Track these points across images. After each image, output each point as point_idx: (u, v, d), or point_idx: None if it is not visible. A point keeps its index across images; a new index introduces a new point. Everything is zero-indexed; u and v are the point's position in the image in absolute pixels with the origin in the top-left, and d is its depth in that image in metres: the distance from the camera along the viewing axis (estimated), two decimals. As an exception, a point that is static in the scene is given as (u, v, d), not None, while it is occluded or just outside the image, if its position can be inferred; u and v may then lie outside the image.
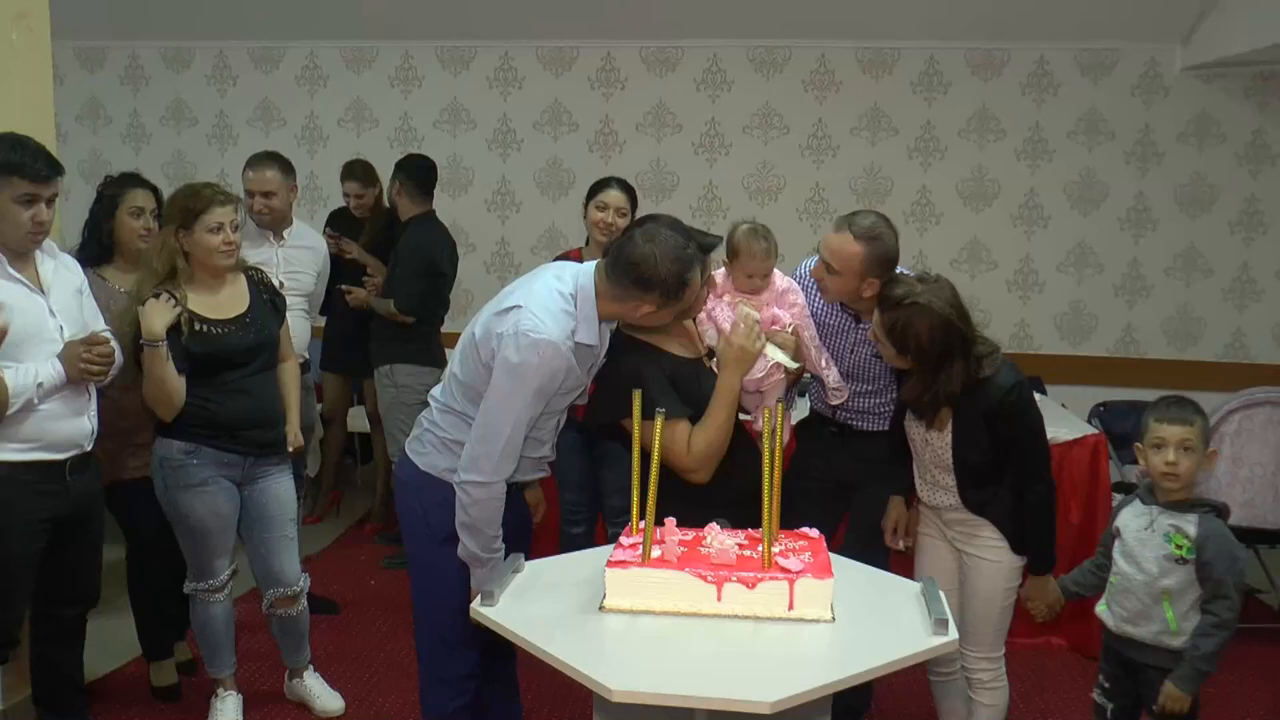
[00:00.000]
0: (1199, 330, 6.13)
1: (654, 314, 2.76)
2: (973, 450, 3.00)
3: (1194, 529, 2.80)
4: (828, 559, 2.41)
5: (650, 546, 2.37)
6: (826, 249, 3.13)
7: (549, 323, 2.67)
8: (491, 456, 2.70)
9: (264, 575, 3.61)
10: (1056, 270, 6.18)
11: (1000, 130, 6.11)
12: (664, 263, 2.68)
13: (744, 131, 6.29)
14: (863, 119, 6.19)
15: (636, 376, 2.79)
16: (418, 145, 6.40)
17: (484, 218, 6.43)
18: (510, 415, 2.69)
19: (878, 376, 3.35)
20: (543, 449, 2.93)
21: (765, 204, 6.29)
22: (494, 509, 2.75)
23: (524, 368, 2.65)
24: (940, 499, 3.13)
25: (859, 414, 3.43)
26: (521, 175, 6.48)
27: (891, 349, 2.96)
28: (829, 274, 3.14)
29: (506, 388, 2.67)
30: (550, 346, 2.65)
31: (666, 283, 2.69)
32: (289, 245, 4.39)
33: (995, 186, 6.15)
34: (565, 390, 2.80)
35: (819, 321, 3.32)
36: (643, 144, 6.36)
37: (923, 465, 3.14)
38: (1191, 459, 2.83)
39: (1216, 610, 2.78)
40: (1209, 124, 5.98)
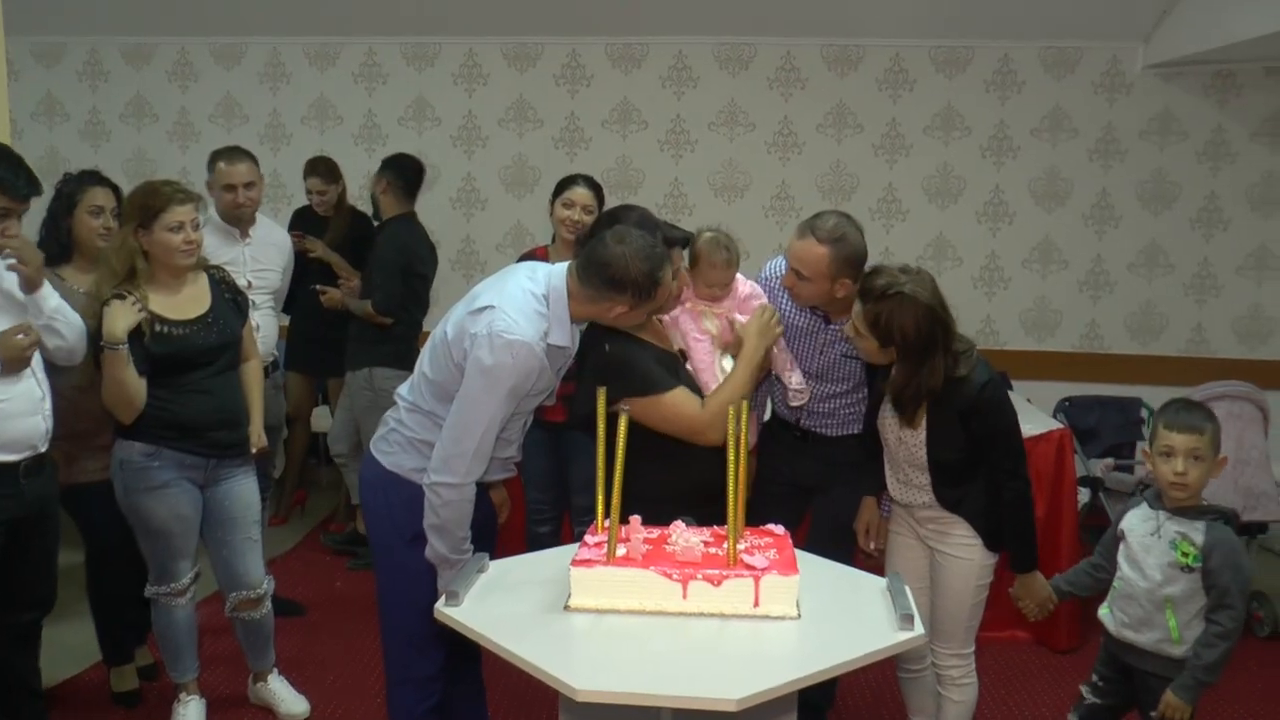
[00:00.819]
0: (1161, 325, 6.18)
1: (627, 314, 2.78)
2: (948, 448, 3.00)
3: (1201, 537, 2.76)
4: (793, 555, 2.41)
5: (615, 545, 2.37)
6: (793, 256, 3.13)
7: (523, 323, 2.68)
8: (464, 457, 2.70)
9: (227, 578, 3.58)
10: (1021, 267, 6.22)
11: (965, 128, 6.14)
12: (635, 263, 2.69)
13: (710, 128, 6.29)
14: (828, 116, 6.21)
15: (625, 360, 2.82)
16: (383, 143, 6.36)
17: (449, 216, 6.40)
18: (483, 416, 2.69)
19: (846, 377, 3.36)
20: (510, 449, 2.92)
21: (731, 201, 6.30)
22: (465, 510, 2.75)
23: (498, 369, 2.65)
24: (913, 497, 3.13)
25: (823, 418, 3.43)
26: (487, 173, 6.46)
27: (874, 342, 2.94)
28: (800, 280, 3.14)
29: (480, 388, 2.67)
30: (524, 347, 2.65)
31: (638, 283, 2.71)
32: (256, 243, 4.35)
33: (960, 184, 6.19)
34: (536, 391, 2.80)
35: (788, 323, 3.33)
36: (608, 141, 6.35)
37: (896, 464, 3.15)
38: (1201, 468, 2.78)
39: (1220, 620, 2.73)
40: (1170, 121, 6.03)
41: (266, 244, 4.42)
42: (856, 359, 3.30)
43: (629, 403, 2.76)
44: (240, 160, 4.26)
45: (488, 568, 2.63)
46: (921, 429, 3.01)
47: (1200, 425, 2.80)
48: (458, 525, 2.75)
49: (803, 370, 3.37)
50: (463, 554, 2.76)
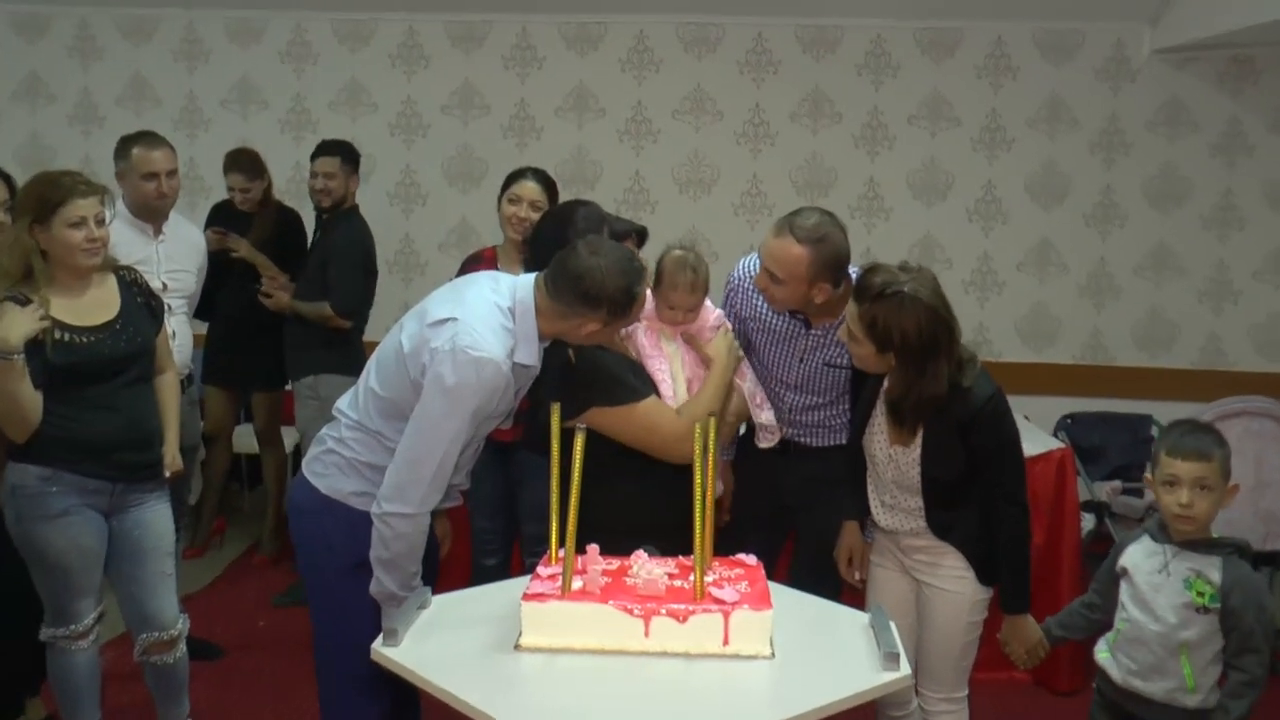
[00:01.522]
0: (1172, 335, 6.25)
1: (599, 332, 2.81)
2: (944, 466, 3.00)
3: (1218, 574, 2.74)
4: (766, 588, 2.42)
5: (570, 577, 2.38)
6: (768, 256, 3.14)
7: (489, 339, 2.69)
8: (420, 484, 2.70)
9: (136, 617, 3.54)
10: (1017, 270, 6.28)
11: (954, 117, 6.20)
12: (611, 277, 2.72)
13: (674, 117, 6.32)
14: (803, 104, 6.25)
15: (594, 366, 2.88)
16: (312, 130, 6.34)
17: (385, 212, 6.38)
18: (443, 439, 2.69)
19: (829, 387, 3.38)
20: (458, 476, 2.93)
21: (697, 197, 6.33)
22: (417, 543, 2.76)
23: (461, 388, 2.66)
24: (900, 523, 3.13)
25: (807, 429, 3.45)
26: (428, 164, 6.45)
27: (871, 346, 2.93)
28: (774, 283, 3.15)
29: (441, 409, 2.68)
30: (491, 365, 2.67)
31: (614, 299, 2.73)
32: (170, 240, 4.33)
33: (949, 179, 6.24)
34: (495, 414, 2.80)
35: (764, 327, 3.34)
36: (562, 130, 6.36)
37: (882, 485, 3.15)
38: (1209, 499, 2.76)
39: (1246, 666, 2.71)
40: (1180, 112, 6.10)
41: (181, 242, 4.40)
42: (841, 368, 3.32)
43: (599, 413, 2.77)
44: (159, 145, 4.25)
45: (430, 603, 2.62)
46: (915, 445, 3.01)
47: (1207, 451, 2.78)
48: (409, 559, 2.75)
49: (782, 381, 3.39)
50: (412, 590, 2.76)
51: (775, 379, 3.45)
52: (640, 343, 3.06)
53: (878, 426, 3.10)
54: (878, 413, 3.10)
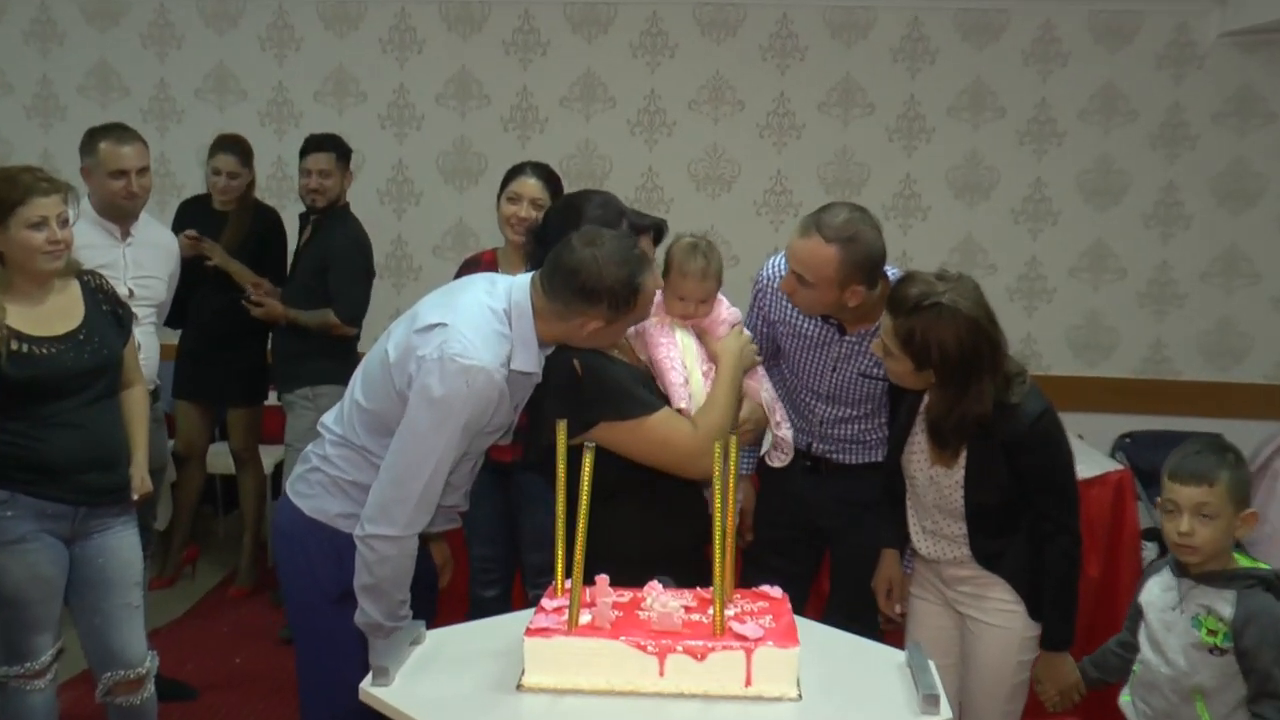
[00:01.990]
0: (1243, 346, 6.22)
1: (603, 330, 2.81)
2: (989, 490, 2.99)
3: (1230, 609, 2.72)
4: (793, 623, 2.42)
5: (578, 610, 2.37)
6: (794, 258, 3.15)
7: (481, 346, 2.70)
8: (406, 504, 2.71)
9: (99, 654, 3.54)
10: (1069, 275, 6.27)
11: (998, 108, 6.19)
12: (609, 267, 2.72)
13: (690, 107, 6.33)
14: (832, 93, 6.25)
15: (601, 377, 2.85)
16: (295, 122, 6.37)
17: (376, 211, 6.38)
18: (431, 455, 2.70)
19: (863, 399, 3.37)
20: (455, 496, 2.93)
21: (716, 195, 6.33)
22: (404, 568, 2.76)
23: (451, 399, 2.66)
24: (942, 551, 3.13)
25: (839, 444, 3.44)
26: (422, 159, 6.47)
27: (908, 363, 2.93)
28: (802, 286, 3.16)
29: (428, 422, 2.69)
30: (482, 374, 2.68)
31: (615, 291, 2.73)
32: (138, 243, 4.34)
33: (993, 176, 6.24)
34: (492, 428, 2.81)
35: (794, 331, 3.35)
36: (568, 122, 6.38)
37: (923, 509, 3.15)
38: (1213, 527, 2.75)
39: (1266, 713, 2.68)
40: (1252, 102, 6.08)
41: (151, 245, 4.41)
42: (877, 379, 3.32)
43: (607, 428, 2.77)
44: (130, 140, 4.26)
45: (424, 638, 2.62)
46: (958, 467, 3.01)
47: (1209, 474, 2.75)
48: (396, 586, 2.75)
49: (813, 391, 3.39)
50: (400, 620, 2.76)
51: (806, 388, 3.45)
52: (649, 334, 3.06)
53: (917, 445, 3.10)
54: (917, 429, 3.10)
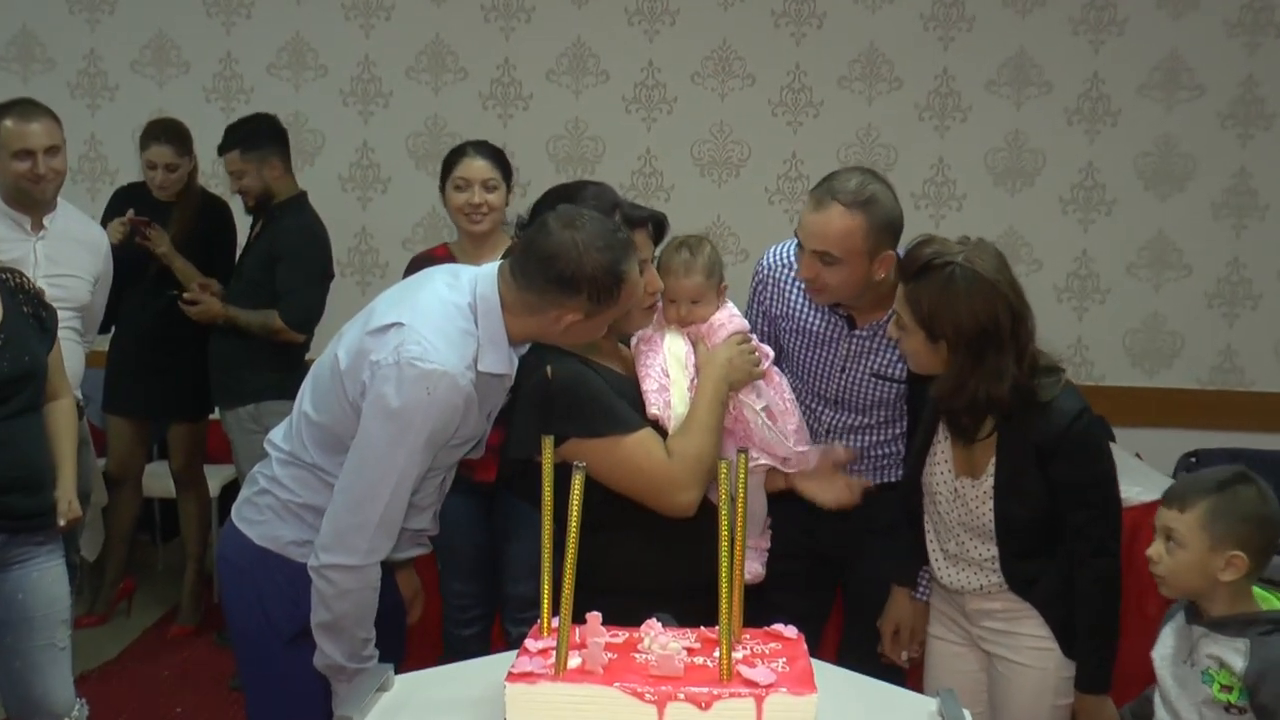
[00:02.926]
0: (1326, 354, 6.26)
1: (582, 325, 2.81)
2: (1021, 501, 2.99)
3: (1242, 660, 2.68)
4: (809, 667, 2.42)
5: (566, 652, 2.37)
6: (812, 236, 3.19)
7: (442, 347, 2.70)
8: (365, 530, 2.71)
9: (20, 702, 3.54)
10: (1126, 273, 6.29)
11: (1044, 83, 6.21)
12: (590, 253, 2.72)
13: (694, 81, 6.34)
14: (855, 65, 6.26)
15: (574, 387, 2.85)
16: (245, 99, 6.39)
17: (337, 199, 6.39)
18: (391, 474, 2.71)
19: (876, 404, 3.39)
20: (422, 518, 2.94)
21: (723, 180, 6.35)
22: (366, 602, 2.77)
23: (410, 410, 2.67)
24: (967, 579, 3.13)
25: (850, 465, 3.45)
26: (390, 140, 6.47)
27: (920, 335, 2.95)
28: (827, 266, 3.19)
29: (386, 437, 2.69)
30: (445, 379, 2.68)
31: (596, 279, 2.73)
32: (53, 237, 4.33)
33: (1038, 159, 6.25)
34: (461, 440, 2.81)
35: (798, 327, 3.37)
36: (555, 98, 6.39)
37: (946, 529, 3.15)
38: (1182, 559, 2.75)
39: None
40: (1341, 75, 6.10)
41: (70, 240, 4.39)
42: (891, 380, 3.35)
43: (576, 445, 2.78)
44: (38, 115, 4.26)
45: (392, 683, 2.61)
46: (986, 475, 3.02)
47: (1185, 497, 2.77)
48: (358, 622, 2.76)
49: (819, 395, 3.40)
50: (365, 660, 2.77)
51: (811, 392, 3.48)
52: (640, 339, 3.08)
53: (940, 455, 3.12)
54: (940, 437, 3.12)
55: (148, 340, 5.41)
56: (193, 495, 5.80)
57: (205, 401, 5.57)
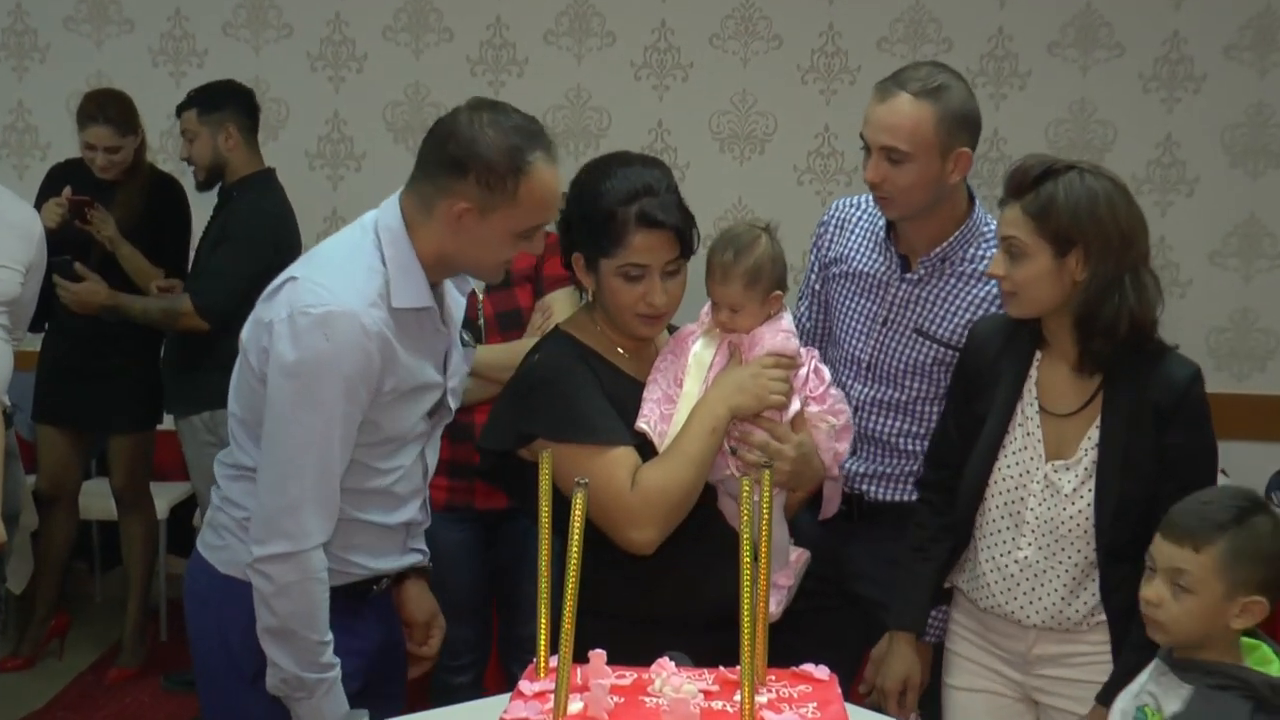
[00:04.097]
0: None
1: (477, 223, 2.81)
2: (1132, 477, 2.93)
3: (1177, 706, 2.62)
4: (844, 712, 2.44)
5: (566, 695, 2.39)
6: (879, 129, 3.28)
7: (339, 288, 2.74)
8: (295, 510, 2.74)
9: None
10: (1209, 261, 6.30)
11: (1114, 44, 6.22)
12: (486, 130, 2.76)
13: (712, 44, 6.36)
14: (897, 26, 6.28)
15: (551, 378, 2.94)
16: (197, 62, 6.41)
17: (304, 178, 6.38)
18: (310, 440, 2.74)
19: (911, 371, 3.44)
20: (406, 508, 2.98)
21: (746, 156, 6.38)
22: (312, 596, 2.78)
23: (310, 361, 2.71)
24: (1037, 604, 3.05)
25: (881, 460, 3.46)
26: (364, 111, 6.49)
27: (1047, 251, 2.90)
28: (895, 166, 3.26)
29: (291, 398, 2.74)
30: (343, 319, 2.71)
31: (489, 163, 2.75)
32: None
33: (1109, 131, 6.27)
34: (402, 392, 2.85)
35: (850, 271, 3.49)
36: (555, 63, 6.41)
37: (1018, 536, 3.06)
38: (1190, 604, 2.64)
39: None
40: None
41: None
42: (936, 341, 3.40)
43: (542, 446, 2.79)
44: None
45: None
46: (1084, 451, 2.97)
47: (1199, 534, 2.64)
48: (308, 623, 2.77)
49: (852, 360, 3.47)
50: (324, 671, 2.78)
51: (845, 359, 3.53)
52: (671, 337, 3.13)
53: (1022, 437, 3.06)
54: (1025, 416, 3.07)
55: (86, 339, 5.41)
56: (137, 517, 5.81)
57: (153, 409, 5.57)
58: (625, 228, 2.92)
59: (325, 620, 2.79)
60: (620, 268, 2.95)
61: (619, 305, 2.99)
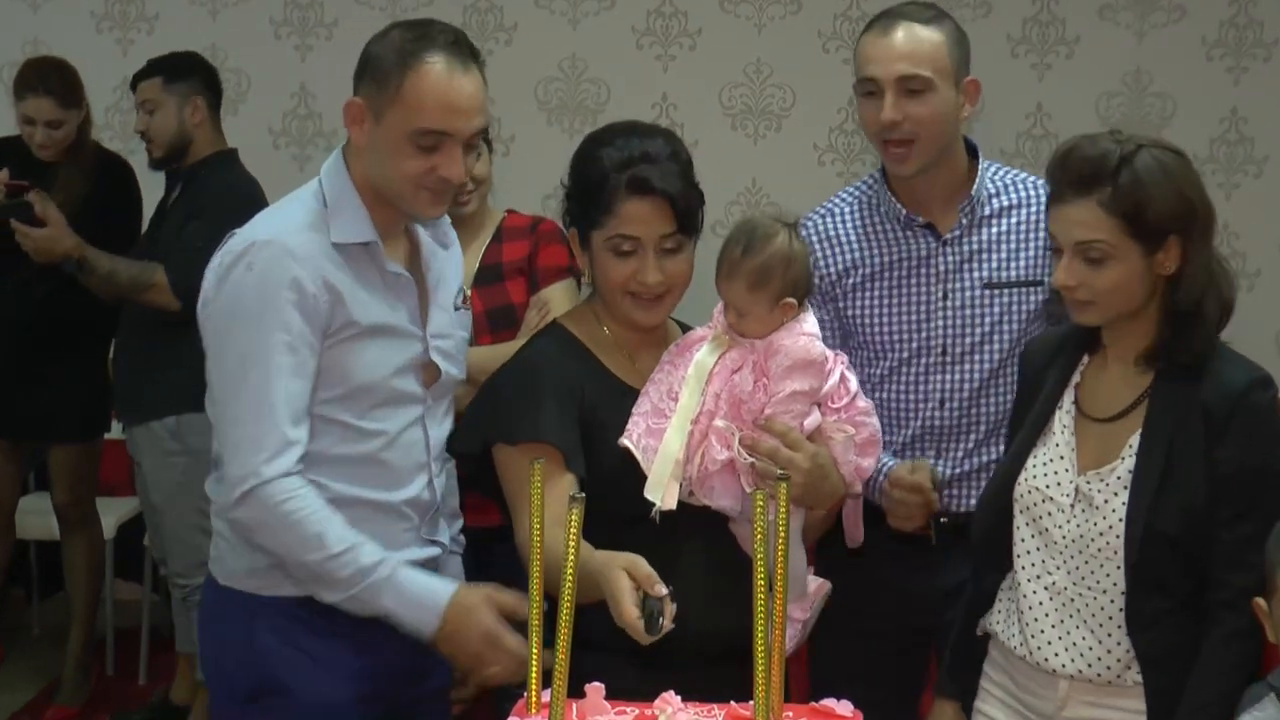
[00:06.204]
0: None
1: (373, 130, 2.91)
2: (1174, 492, 2.80)
3: None
4: (869, 754, 2.45)
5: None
6: (896, 59, 3.31)
7: (263, 225, 2.92)
8: (237, 448, 2.83)
9: None
10: (1279, 250, 6.35)
11: (1175, 7, 6.22)
12: (394, 34, 2.92)
13: (723, 8, 6.38)
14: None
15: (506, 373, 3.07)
16: (146, 28, 6.44)
17: (267, 157, 6.36)
18: (246, 370, 2.84)
19: (995, 329, 3.44)
20: (404, 485, 3.03)
21: (760, 134, 6.41)
22: (287, 521, 2.81)
23: (233, 295, 2.85)
24: (1072, 644, 2.93)
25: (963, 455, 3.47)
26: (334, 83, 6.28)
27: (1135, 249, 2.78)
28: (913, 98, 3.29)
29: (222, 335, 2.88)
30: (266, 248, 2.83)
31: (379, 59, 2.89)
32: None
33: (1168, 105, 6.27)
34: (361, 329, 2.91)
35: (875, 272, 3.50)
36: (546, 29, 6.43)
37: (1048, 560, 2.96)
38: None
39: None
40: None
41: None
42: (1009, 285, 3.44)
43: (498, 453, 2.96)
44: None
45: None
46: (1123, 458, 2.87)
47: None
48: (299, 546, 2.82)
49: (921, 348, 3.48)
50: (350, 587, 2.82)
51: (909, 357, 3.50)
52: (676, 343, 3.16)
53: (1055, 445, 2.98)
54: (1062, 424, 2.98)
55: (23, 339, 5.43)
56: (81, 536, 5.81)
57: (99, 417, 5.58)
58: (615, 194, 2.97)
59: (320, 538, 2.81)
60: (610, 239, 3.00)
61: (609, 283, 3.04)
